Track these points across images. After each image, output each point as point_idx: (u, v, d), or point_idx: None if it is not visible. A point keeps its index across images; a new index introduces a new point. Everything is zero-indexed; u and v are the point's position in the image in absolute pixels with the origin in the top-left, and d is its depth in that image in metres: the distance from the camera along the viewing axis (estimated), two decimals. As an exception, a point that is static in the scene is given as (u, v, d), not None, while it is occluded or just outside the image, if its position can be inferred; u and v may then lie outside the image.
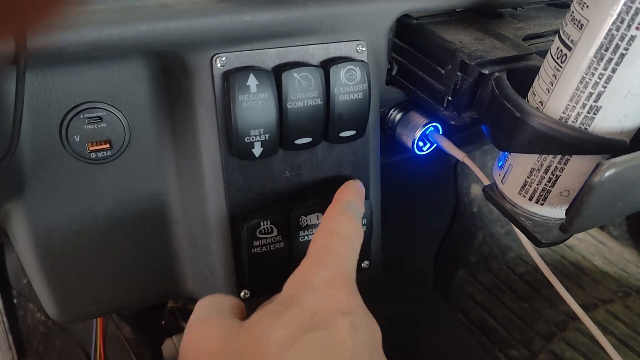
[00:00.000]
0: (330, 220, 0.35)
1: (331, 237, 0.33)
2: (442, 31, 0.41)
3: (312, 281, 0.30)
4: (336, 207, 0.37)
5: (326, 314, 0.28)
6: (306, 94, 0.38)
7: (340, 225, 0.34)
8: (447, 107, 0.41)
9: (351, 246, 0.33)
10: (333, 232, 0.34)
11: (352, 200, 0.38)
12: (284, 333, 0.27)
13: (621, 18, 0.27)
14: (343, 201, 0.37)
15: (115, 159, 0.40)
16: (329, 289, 0.30)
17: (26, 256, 0.41)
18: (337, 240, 0.33)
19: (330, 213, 0.36)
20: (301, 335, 0.27)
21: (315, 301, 0.29)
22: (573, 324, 0.86)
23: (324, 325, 0.28)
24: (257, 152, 0.38)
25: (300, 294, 0.29)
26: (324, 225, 0.35)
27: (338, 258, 0.32)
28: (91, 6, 0.33)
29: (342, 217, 0.35)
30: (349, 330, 0.28)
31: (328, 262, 0.31)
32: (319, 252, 0.32)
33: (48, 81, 0.36)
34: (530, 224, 0.36)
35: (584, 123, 0.31)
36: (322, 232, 0.34)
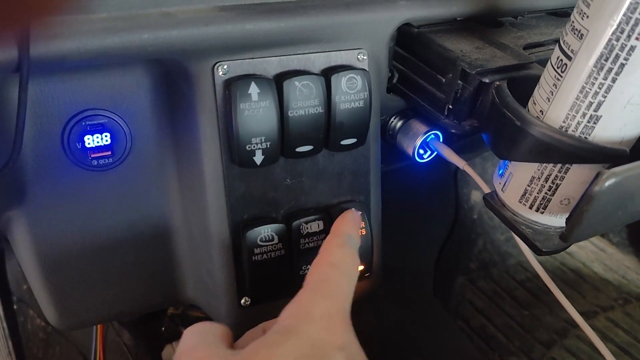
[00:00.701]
0: (330, 252, 0.35)
1: (332, 270, 0.33)
2: (442, 40, 0.41)
3: (311, 312, 0.30)
4: (336, 238, 0.37)
5: (324, 347, 0.28)
6: (307, 102, 0.38)
7: (341, 258, 0.34)
8: (447, 115, 0.41)
9: (350, 280, 0.33)
10: (334, 264, 0.34)
11: (351, 234, 0.38)
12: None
13: (621, 28, 0.28)
14: (343, 233, 0.37)
15: (116, 166, 0.40)
16: (327, 322, 0.29)
17: (27, 263, 0.41)
18: (337, 274, 0.33)
19: (331, 244, 0.36)
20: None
21: (314, 333, 0.29)
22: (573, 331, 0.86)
23: (321, 358, 0.28)
24: (258, 160, 0.38)
25: (299, 325, 0.29)
26: (324, 256, 0.35)
27: (338, 291, 0.32)
28: (94, 15, 0.33)
29: (342, 250, 0.35)
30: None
31: (328, 294, 0.31)
32: (320, 284, 0.32)
33: (50, 88, 0.36)
34: (531, 232, 0.36)
35: (584, 132, 0.31)
36: (322, 264, 0.34)
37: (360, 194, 0.45)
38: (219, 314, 0.44)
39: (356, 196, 0.45)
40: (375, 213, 0.46)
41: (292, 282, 0.44)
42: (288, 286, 0.44)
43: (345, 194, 0.44)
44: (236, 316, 0.44)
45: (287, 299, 0.45)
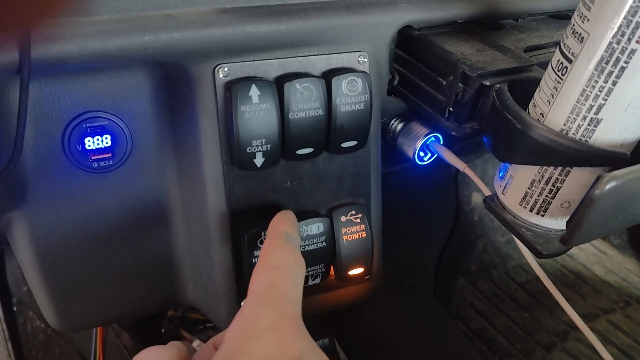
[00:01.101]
0: (269, 255, 0.32)
1: (274, 273, 0.31)
2: (443, 42, 0.41)
3: (256, 326, 0.27)
4: (274, 239, 0.34)
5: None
6: (308, 104, 0.38)
7: (282, 259, 0.32)
8: (448, 117, 0.41)
9: (295, 281, 0.31)
10: (275, 267, 0.31)
11: (288, 232, 0.35)
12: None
13: (622, 31, 0.28)
14: (280, 233, 0.35)
15: (117, 168, 0.40)
16: (276, 333, 0.27)
17: (27, 265, 0.41)
18: (280, 277, 0.30)
19: (269, 247, 0.33)
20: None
21: (262, 350, 0.26)
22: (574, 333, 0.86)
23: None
24: (258, 162, 0.38)
25: (245, 343, 0.26)
26: (263, 260, 0.32)
27: (283, 296, 0.29)
28: (95, 17, 0.33)
29: (282, 250, 0.33)
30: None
31: (272, 301, 0.29)
32: (262, 291, 0.29)
33: (51, 90, 0.36)
34: (531, 235, 0.36)
35: (585, 135, 0.31)
36: (262, 268, 0.31)
37: (360, 196, 0.45)
38: (219, 316, 0.44)
39: (356, 198, 0.45)
40: (375, 215, 0.46)
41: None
42: None
43: (346, 197, 0.44)
44: (236, 318, 0.44)
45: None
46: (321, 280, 0.45)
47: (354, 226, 0.43)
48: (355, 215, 0.43)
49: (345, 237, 0.43)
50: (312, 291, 0.45)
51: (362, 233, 0.44)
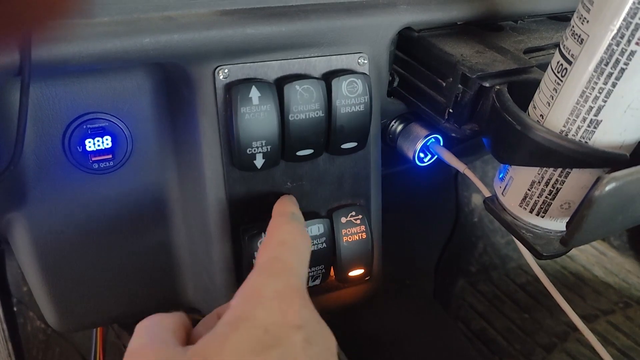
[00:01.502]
0: (276, 230, 0.34)
1: (280, 247, 0.32)
2: (443, 44, 0.41)
3: (261, 294, 0.28)
4: (280, 217, 0.35)
5: (278, 330, 0.26)
6: (308, 106, 0.38)
7: (289, 234, 0.33)
8: (448, 119, 0.41)
9: (301, 255, 0.32)
10: (282, 242, 0.32)
11: (294, 211, 0.37)
12: (237, 356, 0.25)
13: (621, 33, 0.28)
14: (286, 212, 0.36)
15: (117, 169, 0.40)
16: (279, 303, 0.28)
17: (27, 265, 0.41)
18: (286, 250, 0.31)
19: (275, 224, 0.35)
20: (255, 355, 0.25)
21: (266, 317, 0.27)
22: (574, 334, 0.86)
23: (277, 343, 0.26)
24: (258, 163, 0.38)
25: (250, 310, 0.27)
26: (270, 235, 0.33)
27: (288, 268, 0.30)
28: (95, 19, 0.33)
29: (289, 226, 0.34)
30: (303, 345, 0.26)
31: (278, 273, 0.30)
32: (268, 263, 0.30)
33: (52, 92, 0.36)
34: (531, 236, 0.36)
35: (585, 137, 0.31)
36: (269, 243, 0.32)
37: (360, 197, 0.45)
38: (219, 317, 0.44)
39: (357, 200, 0.45)
40: (375, 216, 0.46)
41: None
42: None
43: (346, 198, 0.44)
44: (236, 319, 0.44)
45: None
46: (321, 281, 0.45)
47: (354, 227, 0.43)
48: (356, 216, 0.43)
49: (345, 239, 0.43)
50: (312, 292, 0.45)
51: (362, 234, 0.44)
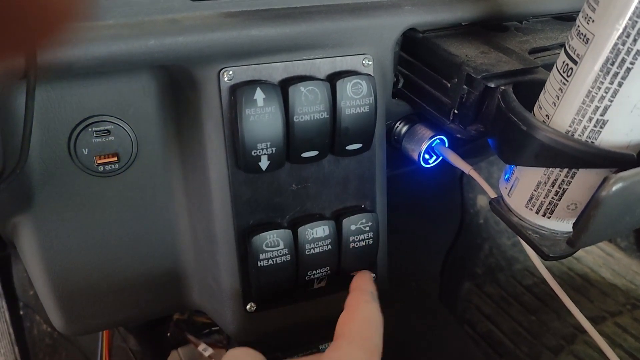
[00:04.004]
0: (362, 307, 0.37)
1: (366, 325, 0.36)
2: (448, 45, 0.41)
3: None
4: (362, 295, 0.39)
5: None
6: (313, 107, 0.38)
7: (372, 314, 0.37)
8: (453, 120, 0.41)
9: (380, 333, 0.36)
10: (367, 320, 0.36)
11: (373, 291, 0.40)
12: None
13: (627, 32, 0.27)
14: (367, 290, 0.39)
15: (122, 172, 0.40)
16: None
17: (33, 269, 0.42)
18: (371, 329, 0.35)
19: (359, 299, 0.38)
20: None
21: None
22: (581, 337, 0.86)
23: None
24: (263, 165, 0.38)
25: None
26: (355, 309, 0.37)
27: (374, 346, 0.34)
28: (100, 21, 0.33)
29: (371, 305, 0.37)
30: None
31: (367, 348, 0.34)
32: (357, 337, 0.34)
33: (57, 95, 0.36)
34: (537, 237, 0.36)
35: (591, 137, 0.31)
36: (355, 318, 0.36)
37: (365, 199, 0.45)
38: (225, 319, 0.44)
39: (362, 201, 0.45)
40: (380, 218, 0.46)
41: (298, 288, 0.44)
42: (294, 292, 0.44)
43: (351, 199, 0.44)
44: (241, 322, 0.44)
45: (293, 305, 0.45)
46: (326, 283, 0.45)
47: (362, 234, 0.44)
48: (366, 223, 0.44)
49: (352, 245, 0.43)
50: (317, 294, 0.45)
51: (369, 240, 0.44)
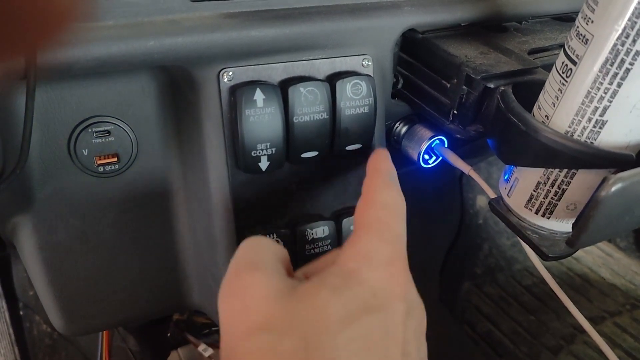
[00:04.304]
0: (379, 192, 0.32)
1: (385, 211, 0.31)
2: (447, 45, 0.41)
3: (373, 258, 0.28)
4: (380, 177, 0.33)
5: (385, 296, 0.27)
6: (312, 108, 0.38)
7: (390, 197, 0.32)
8: (452, 120, 0.41)
9: (403, 221, 0.31)
10: (384, 204, 0.31)
11: (391, 170, 0.35)
12: (343, 311, 0.25)
13: (626, 33, 0.28)
14: (384, 171, 0.34)
15: (122, 172, 0.40)
16: (389, 269, 0.28)
17: (33, 269, 0.42)
18: (391, 215, 0.30)
19: (374, 183, 0.33)
20: (360, 315, 0.26)
21: (376, 281, 0.27)
22: (580, 336, 0.86)
23: (382, 308, 0.26)
24: (263, 165, 0.38)
25: (361, 270, 0.27)
26: (372, 196, 0.32)
27: (395, 235, 0.30)
28: (100, 22, 0.33)
29: (389, 188, 0.32)
30: (404, 316, 0.27)
31: (388, 238, 0.29)
32: (377, 225, 0.30)
33: (57, 96, 0.36)
34: (537, 237, 0.36)
35: (590, 137, 0.31)
36: (372, 205, 0.31)
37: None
38: (225, 319, 0.44)
39: (361, 202, 0.45)
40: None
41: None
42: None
43: (351, 200, 0.44)
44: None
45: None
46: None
47: None
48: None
49: None
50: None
51: None
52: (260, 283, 0.27)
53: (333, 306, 0.26)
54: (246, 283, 0.27)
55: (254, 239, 0.30)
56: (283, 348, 0.24)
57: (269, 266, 0.28)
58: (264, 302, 0.26)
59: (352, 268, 0.28)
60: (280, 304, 0.26)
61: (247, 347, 0.25)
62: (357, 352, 0.25)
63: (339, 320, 0.25)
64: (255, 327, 0.25)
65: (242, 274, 0.27)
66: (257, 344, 0.25)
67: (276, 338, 0.25)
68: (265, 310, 0.26)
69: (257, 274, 0.27)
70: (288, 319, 0.25)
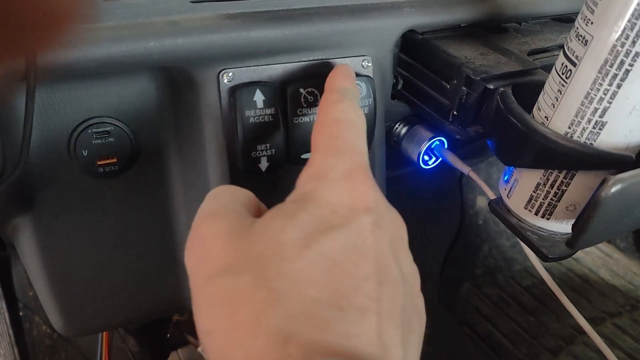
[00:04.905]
0: (330, 109, 0.31)
1: (338, 126, 0.29)
2: (447, 46, 0.41)
3: (328, 174, 0.27)
4: (333, 94, 0.32)
5: (346, 211, 0.25)
6: (312, 109, 0.38)
7: (344, 112, 0.30)
8: (452, 121, 0.41)
9: (360, 132, 0.30)
10: (338, 120, 0.30)
11: (347, 86, 0.33)
12: (299, 234, 0.24)
13: (626, 34, 0.28)
14: (339, 88, 0.33)
15: (122, 173, 0.40)
16: (348, 183, 0.26)
17: (33, 270, 0.42)
18: (345, 129, 0.29)
19: (328, 101, 0.32)
20: (319, 235, 0.24)
21: (334, 197, 0.26)
22: (580, 337, 0.86)
23: (344, 224, 0.25)
24: (263, 166, 0.38)
25: (317, 190, 0.26)
26: (324, 114, 0.31)
27: (351, 147, 0.28)
28: (100, 23, 0.33)
29: (343, 104, 0.31)
30: (371, 228, 0.25)
31: (342, 152, 0.28)
32: (330, 143, 0.28)
33: (57, 96, 0.36)
34: (537, 238, 0.36)
35: (590, 138, 0.31)
36: (325, 122, 0.30)
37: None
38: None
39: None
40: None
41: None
42: None
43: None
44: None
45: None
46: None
47: None
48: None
49: None
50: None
51: None
52: (219, 228, 0.26)
53: (288, 232, 0.24)
54: (206, 231, 0.26)
55: (217, 188, 0.30)
56: (241, 286, 0.23)
57: (229, 211, 0.27)
58: (222, 245, 0.25)
59: (308, 190, 0.26)
60: (237, 243, 0.25)
61: (207, 292, 0.24)
62: (322, 274, 0.23)
63: (295, 245, 0.24)
64: (215, 272, 0.24)
65: (203, 224, 0.27)
66: (216, 287, 0.24)
67: (234, 278, 0.24)
68: (223, 252, 0.25)
69: (216, 220, 0.26)
70: (244, 256, 0.24)
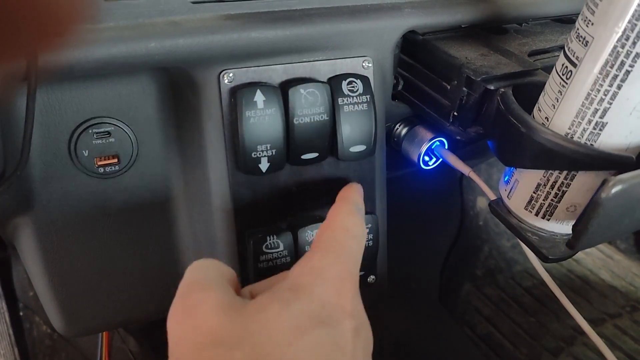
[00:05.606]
0: (342, 217, 0.34)
1: (343, 233, 0.32)
2: (447, 47, 0.41)
3: (323, 273, 0.29)
4: (347, 205, 0.36)
5: (333, 310, 0.28)
6: (313, 109, 0.38)
7: (353, 225, 0.33)
8: (452, 122, 0.41)
9: (361, 247, 0.33)
10: (345, 228, 0.33)
11: (358, 203, 0.37)
12: (293, 323, 0.26)
13: (626, 35, 0.28)
14: (352, 200, 0.36)
15: (122, 173, 0.40)
16: (339, 286, 0.29)
17: (33, 270, 0.42)
18: (350, 239, 0.32)
19: (340, 210, 0.35)
20: (310, 328, 0.26)
21: (325, 295, 0.28)
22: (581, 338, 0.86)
23: (332, 323, 0.27)
24: (263, 167, 0.38)
25: (312, 285, 0.29)
26: (335, 219, 0.34)
27: (349, 256, 0.31)
28: (101, 24, 0.33)
29: (355, 217, 0.34)
30: (353, 333, 0.28)
31: (340, 257, 0.31)
32: (331, 246, 0.31)
33: (58, 97, 0.36)
34: (537, 239, 0.36)
35: (590, 139, 0.31)
36: (333, 226, 0.33)
37: (365, 201, 0.45)
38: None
39: (361, 203, 0.45)
40: (381, 220, 0.46)
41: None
42: None
43: (351, 201, 0.44)
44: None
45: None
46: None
47: None
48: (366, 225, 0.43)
49: None
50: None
51: (369, 242, 0.44)
52: (210, 300, 0.27)
53: (283, 319, 0.26)
54: (196, 301, 0.28)
55: (201, 261, 0.31)
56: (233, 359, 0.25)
57: (218, 285, 0.29)
58: (214, 317, 0.27)
59: (303, 282, 0.29)
60: (231, 318, 0.27)
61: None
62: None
63: (288, 333, 0.26)
64: (206, 342, 0.26)
65: (192, 293, 0.28)
66: (208, 358, 0.25)
67: (227, 351, 0.25)
68: (216, 325, 0.26)
69: (206, 292, 0.28)
70: (238, 333, 0.26)
